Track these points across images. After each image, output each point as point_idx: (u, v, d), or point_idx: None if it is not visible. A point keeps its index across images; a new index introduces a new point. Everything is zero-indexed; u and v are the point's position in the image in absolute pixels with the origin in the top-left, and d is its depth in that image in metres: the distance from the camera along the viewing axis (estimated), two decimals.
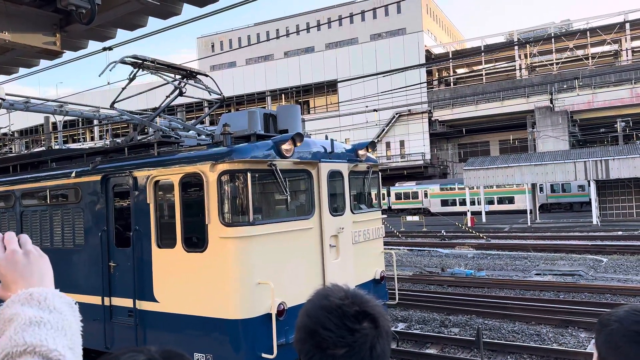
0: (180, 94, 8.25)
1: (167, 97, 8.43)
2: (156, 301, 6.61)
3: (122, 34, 7.01)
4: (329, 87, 54.29)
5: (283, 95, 57.73)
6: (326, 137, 7.57)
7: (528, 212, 38.45)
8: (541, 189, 45.39)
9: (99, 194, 7.33)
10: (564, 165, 35.57)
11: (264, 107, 53.49)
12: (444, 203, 49.29)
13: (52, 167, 8.49)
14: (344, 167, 7.45)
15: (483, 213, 40.82)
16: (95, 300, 7.29)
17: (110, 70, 7.77)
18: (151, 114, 8.97)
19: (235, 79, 58.02)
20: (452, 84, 59.04)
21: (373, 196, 8.40)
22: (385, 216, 11.65)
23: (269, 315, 5.94)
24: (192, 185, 6.37)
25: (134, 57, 7.68)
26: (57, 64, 10.09)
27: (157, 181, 6.65)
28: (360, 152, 7.78)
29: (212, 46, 70.20)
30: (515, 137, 51.44)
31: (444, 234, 30.40)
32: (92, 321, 7.26)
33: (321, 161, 6.97)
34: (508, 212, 46.80)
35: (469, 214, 38.78)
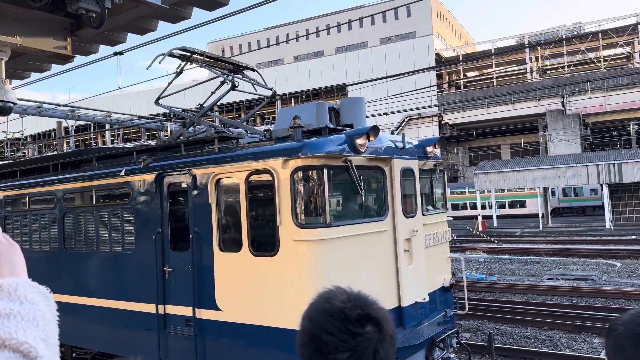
0: (233, 87, 7.83)
1: (212, 92, 8.00)
2: (219, 309, 6.06)
3: (132, 38, 7.01)
4: (339, 90, 54.25)
5: (292, 99, 57.85)
6: (392, 132, 7.33)
7: (540, 216, 38.16)
8: (553, 193, 44.97)
9: (152, 194, 6.79)
10: (576, 169, 35.27)
11: (274, 111, 53.58)
12: (455, 207, 48.97)
13: (95, 166, 8.00)
14: (415, 165, 6.93)
15: (494, 217, 40.52)
16: (148, 308, 6.73)
17: (159, 63, 7.35)
18: (197, 110, 8.47)
19: (245, 83, 58.28)
20: (462, 87, 58.80)
21: (441, 196, 7.91)
22: None
23: None
24: (260, 183, 5.87)
25: (183, 49, 7.30)
26: (69, 68, 10.19)
27: (219, 179, 6.15)
28: (429, 148, 7.28)
29: (223, 51, 70.57)
30: (526, 141, 51.08)
31: (455, 238, 30.21)
32: (145, 331, 6.72)
33: (394, 157, 6.47)
34: (519, 216, 46.44)
35: (480, 218, 38.52)
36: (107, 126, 31.34)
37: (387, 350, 1.19)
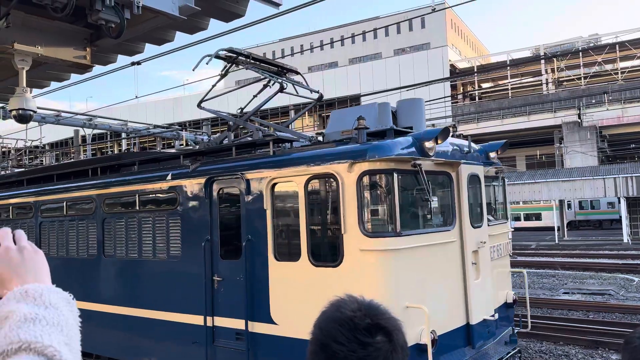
0: (281, 89, 7.61)
1: (255, 96, 7.79)
2: (274, 323, 5.68)
3: (149, 49, 7.05)
4: (352, 101, 54.34)
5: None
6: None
7: (555, 229, 37.70)
8: (569, 206, 44.46)
9: (201, 199, 6.46)
10: (593, 182, 34.86)
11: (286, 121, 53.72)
12: None
13: (137, 170, 7.69)
14: (480, 171, 6.55)
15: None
16: (195, 320, 6.36)
17: (207, 64, 7.14)
18: (240, 114, 8.12)
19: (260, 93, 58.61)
20: (477, 98, 58.54)
21: (502, 206, 7.53)
22: None
23: (416, 347, 4.99)
24: (321, 188, 5.55)
25: (230, 50, 7.10)
26: (87, 78, 10.33)
27: (275, 184, 5.82)
28: (492, 154, 6.93)
29: None
30: (542, 153, 50.58)
31: None
32: (191, 344, 6.33)
33: (462, 162, 6.09)
34: (535, 229, 45.89)
35: None
36: (123, 135, 31.69)
37: None
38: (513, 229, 7.69)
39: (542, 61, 50.54)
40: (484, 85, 61.76)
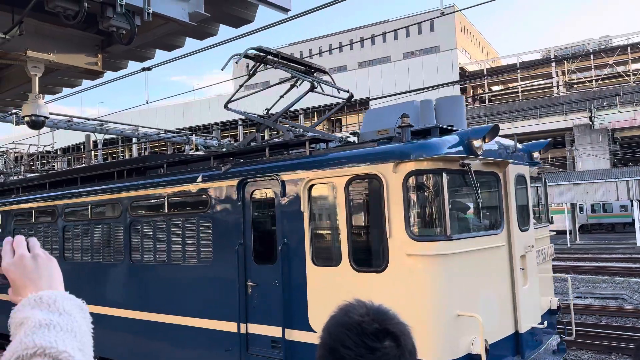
0: (312, 89, 7.48)
1: (281, 97, 7.69)
2: (312, 331, 5.42)
3: (159, 54, 7.06)
4: (361, 104, 54.35)
5: (315, 113, 58.18)
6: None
7: (567, 232, 37.34)
8: (581, 209, 44.06)
9: (233, 202, 6.25)
10: (605, 185, 34.55)
11: (297, 124, 53.89)
12: None
13: (163, 173, 7.51)
14: (526, 171, 6.26)
15: None
16: (228, 326, 6.15)
17: (236, 63, 7.17)
18: (266, 116, 7.92)
19: (269, 98, 58.85)
20: (487, 101, 58.32)
21: (544, 207, 7.25)
22: None
23: (468, 357, 4.78)
24: (363, 189, 5.32)
25: (259, 49, 6.95)
26: (98, 83, 10.40)
27: (312, 185, 5.59)
28: (535, 154, 6.68)
29: (247, 66, 71.51)
30: (553, 156, 50.22)
31: None
32: (224, 352, 6.12)
33: (510, 162, 5.81)
34: None
35: None
36: (134, 140, 31.91)
37: None
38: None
39: (553, 63, 50.25)
40: (494, 88, 61.52)
